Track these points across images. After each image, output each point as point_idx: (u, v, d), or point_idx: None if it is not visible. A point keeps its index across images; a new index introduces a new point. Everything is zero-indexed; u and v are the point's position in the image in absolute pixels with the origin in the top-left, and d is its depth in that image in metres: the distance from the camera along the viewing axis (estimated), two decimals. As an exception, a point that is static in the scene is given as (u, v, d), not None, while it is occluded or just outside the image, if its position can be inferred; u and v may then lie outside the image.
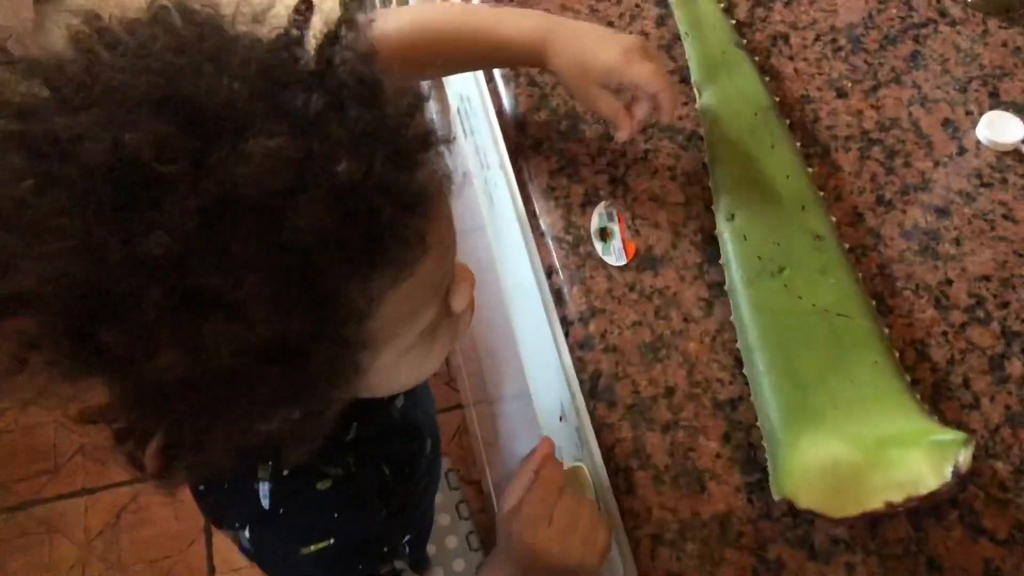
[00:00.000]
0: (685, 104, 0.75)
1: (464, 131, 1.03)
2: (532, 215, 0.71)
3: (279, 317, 0.42)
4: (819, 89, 0.77)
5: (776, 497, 0.56)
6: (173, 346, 0.41)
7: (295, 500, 0.63)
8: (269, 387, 0.45)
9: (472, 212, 1.11)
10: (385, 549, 0.67)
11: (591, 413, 0.63)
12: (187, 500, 1.71)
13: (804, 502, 0.56)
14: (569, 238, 0.68)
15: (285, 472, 0.62)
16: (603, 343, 0.64)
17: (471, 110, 0.98)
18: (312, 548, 0.62)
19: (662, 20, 0.81)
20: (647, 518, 0.58)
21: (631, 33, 0.77)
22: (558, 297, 0.67)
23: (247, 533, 0.63)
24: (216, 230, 0.40)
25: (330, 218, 0.42)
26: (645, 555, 0.57)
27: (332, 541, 0.63)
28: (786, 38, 0.80)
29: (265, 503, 0.62)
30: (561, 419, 0.79)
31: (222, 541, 1.67)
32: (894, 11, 0.83)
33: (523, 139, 0.74)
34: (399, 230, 0.45)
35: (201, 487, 0.69)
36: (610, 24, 0.80)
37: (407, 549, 0.88)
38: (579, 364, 0.64)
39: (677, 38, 0.79)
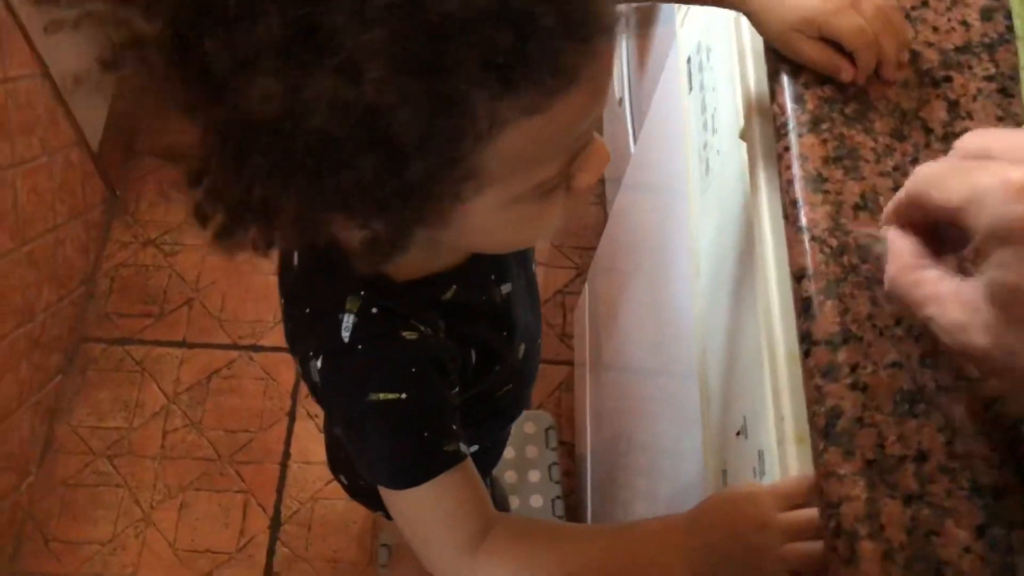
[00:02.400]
0: (1001, 120, 0.63)
1: (690, 85, 0.92)
2: (792, 203, 0.60)
3: (391, 92, 0.39)
4: None
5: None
6: (273, 80, 0.39)
7: (377, 341, 0.59)
8: (357, 177, 0.42)
9: (668, 172, 1.01)
10: (454, 427, 0.61)
11: (818, 454, 0.53)
12: (279, 380, 1.69)
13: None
14: (833, 242, 0.58)
15: (374, 310, 0.59)
16: (851, 377, 0.54)
17: (708, 64, 0.87)
18: (380, 396, 0.58)
19: (989, 14, 0.68)
20: (866, 600, 0.48)
21: (948, 22, 0.65)
22: (805, 307, 0.57)
23: (319, 363, 0.60)
24: None
25: (484, 4, 0.38)
26: (854, 642, 0.48)
27: (403, 396, 0.58)
28: None
29: (345, 335, 0.58)
30: (738, 435, 0.70)
31: (303, 429, 1.64)
32: None
33: (800, 112, 0.63)
34: (553, 50, 0.40)
35: (286, 301, 0.66)
36: (924, 4, 0.67)
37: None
38: (815, 393, 0.54)
39: (1005, 39, 0.66)
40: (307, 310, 0.63)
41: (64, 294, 1.64)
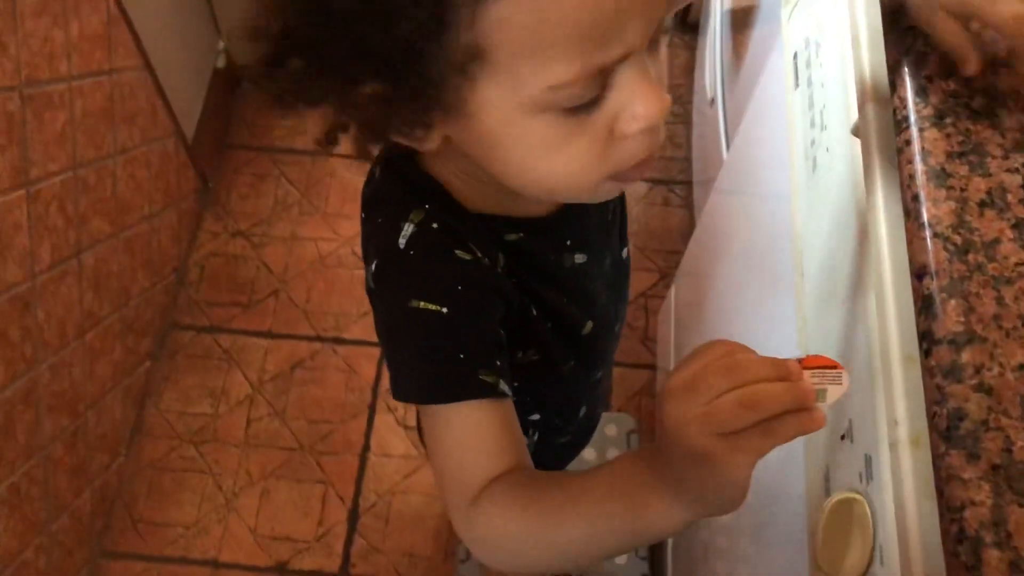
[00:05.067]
0: None
1: (796, 81, 0.90)
2: (914, 199, 0.58)
3: None
4: None
5: None
6: None
7: (429, 250, 0.59)
8: (352, 33, 0.45)
9: (768, 172, 0.99)
10: (497, 362, 0.59)
11: (938, 456, 0.51)
12: (361, 373, 1.71)
13: None
14: (958, 239, 0.55)
15: (435, 226, 0.60)
16: (976, 379, 0.51)
17: (817, 60, 0.85)
18: (422, 304, 0.58)
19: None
20: (990, 610, 0.46)
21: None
22: (926, 305, 0.55)
23: (374, 267, 0.61)
24: None
25: None
26: (977, 654, 0.46)
27: (444, 310, 0.58)
28: None
29: (401, 242, 0.59)
30: (843, 438, 0.68)
31: (383, 423, 1.66)
32: None
33: (922, 106, 0.61)
34: None
35: (363, 212, 0.67)
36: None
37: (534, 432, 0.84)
38: (936, 394, 0.52)
39: None
40: (379, 219, 0.63)
41: (157, 281, 1.68)
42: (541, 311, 0.70)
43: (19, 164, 1.17)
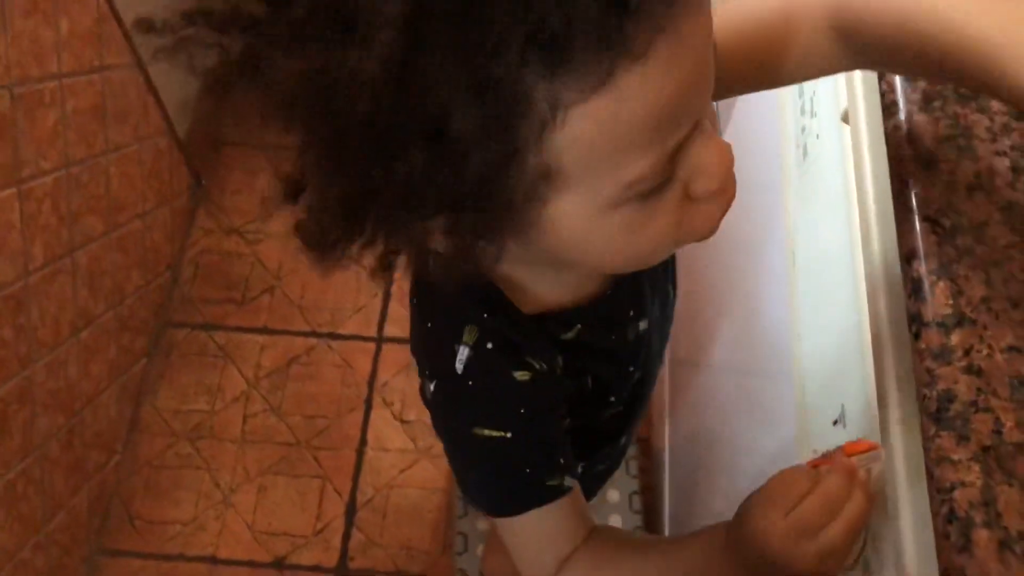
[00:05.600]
0: None
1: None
2: (903, 183, 0.58)
3: (420, 68, 0.38)
4: None
5: None
6: (300, 59, 0.40)
7: (488, 378, 0.59)
8: (408, 168, 0.40)
9: (759, 161, 0.99)
10: (561, 460, 0.62)
11: (928, 439, 0.51)
12: (357, 368, 1.70)
13: None
14: (947, 223, 0.56)
15: (489, 346, 0.58)
16: (965, 361, 0.52)
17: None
18: (485, 432, 0.58)
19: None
20: (981, 589, 0.46)
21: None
22: (915, 288, 0.55)
23: (432, 387, 0.61)
24: None
25: None
26: (969, 633, 0.46)
27: (509, 435, 0.59)
28: None
29: (459, 367, 0.58)
30: (836, 423, 0.68)
31: (379, 417, 1.66)
32: None
33: (910, 91, 0.61)
34: (596, 19, 0.37)
35: (414, 305, 0.66)
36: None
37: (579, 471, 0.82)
38: (925, 376, 0.52)
39: None
40: (429, 324, 0.63)
41: (151, 278, 1.68)
42: (597, 386, 0.69)
43: (10, 162, 1.17)
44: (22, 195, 1.20)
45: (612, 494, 1.42)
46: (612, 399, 0.72)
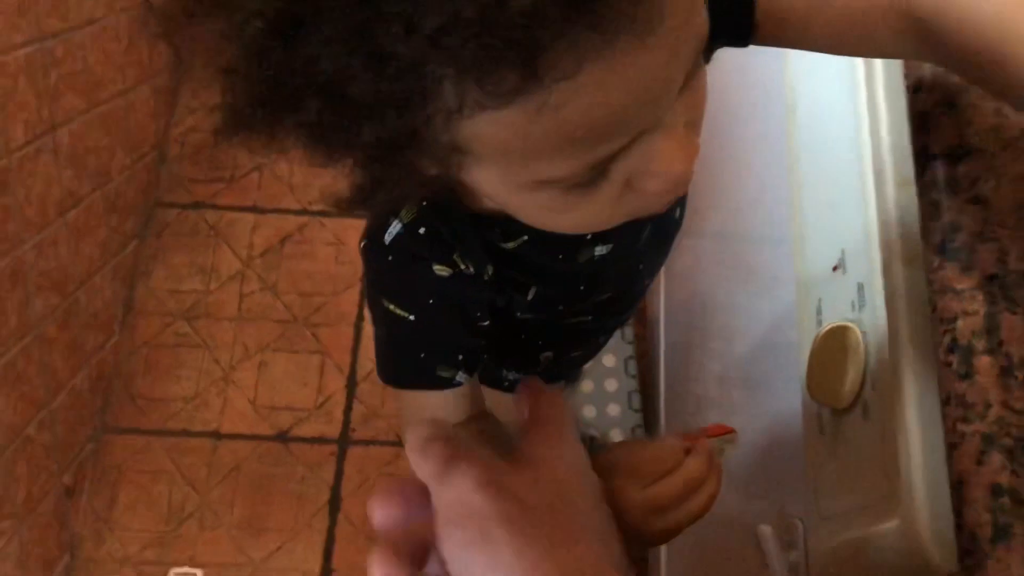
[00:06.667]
0: None
1: None
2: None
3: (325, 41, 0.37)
4: None
5: None
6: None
7: (407, 261, 0.58)
8: (305, 120, 0.41)
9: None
10: (460, 357, 0.62)
11: (932, 271, 0.51)
12: (350, 245, 1.69)
13: None
14: (955, 52, 0.54)
15: (422, 231, 0.57)
16: (971, 192, 0.51)
17: None
18: (391, 307, 0.59)
19: None
20: (982, 413, 0.47)
21: None
22: (921, 121, 0.54)
23: (361, 244, 0.61)
24: None
25: None
26: (968, 455, 0.46)
27: (412, 318, 0.59)
28: None
29: (387, 239, 0.58)
30: (836, 269, 0.68)
31: (375, 294, 1.65)
32: None
33: None
34: (510, 38, 0.34)
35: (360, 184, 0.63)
36: None
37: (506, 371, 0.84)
38: (931, 209, 0.52)
39: None
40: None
41: (137, 158, 1.65)
42: (539, 298, 0.67)
43: (-19, 35, 1.13)
44: (-4, 70, 1.16)
45: (608, 359, 1.43)
46: (560, 308, 0.71)
